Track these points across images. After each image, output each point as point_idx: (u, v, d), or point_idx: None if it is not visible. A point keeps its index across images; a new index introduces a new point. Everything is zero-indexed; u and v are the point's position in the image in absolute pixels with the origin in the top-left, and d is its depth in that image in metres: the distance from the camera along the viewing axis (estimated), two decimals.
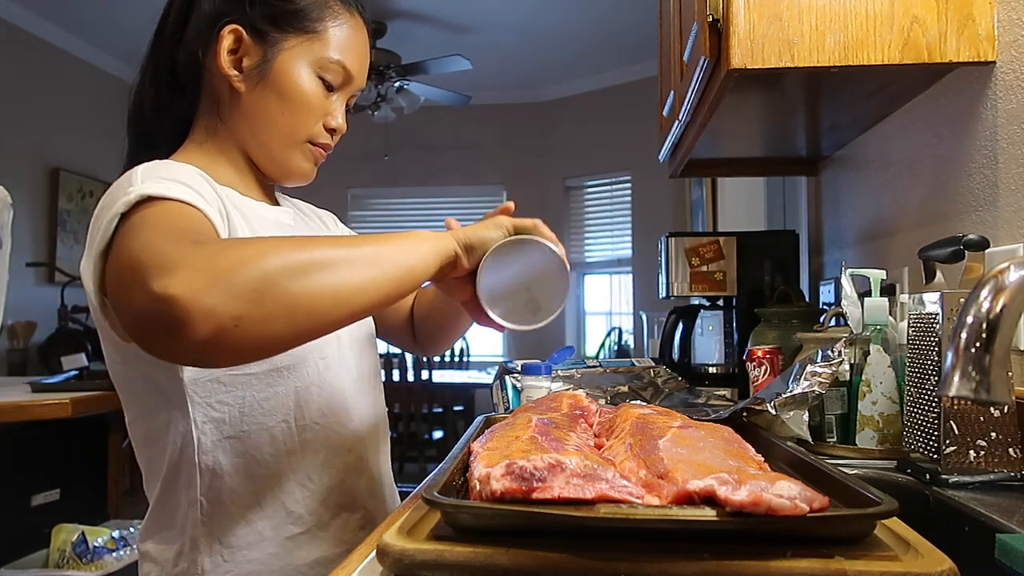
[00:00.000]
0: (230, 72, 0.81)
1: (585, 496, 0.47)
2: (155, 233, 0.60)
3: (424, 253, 0.67)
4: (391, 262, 0.64)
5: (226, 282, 0.53)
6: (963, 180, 1.12)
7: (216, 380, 0.76)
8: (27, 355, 4.06)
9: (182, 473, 0.78)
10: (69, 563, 2.04)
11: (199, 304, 0.52)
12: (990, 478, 0.81)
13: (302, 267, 0.57)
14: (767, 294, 1.79)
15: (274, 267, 0.55)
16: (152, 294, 0.52)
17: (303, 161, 0.86)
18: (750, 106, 1.38)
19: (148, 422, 0.80)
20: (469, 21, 4.44)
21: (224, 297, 0.52)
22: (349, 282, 0.60)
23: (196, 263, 0.54)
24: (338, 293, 0.59)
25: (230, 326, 0.53)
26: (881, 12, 1.03)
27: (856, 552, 0.45)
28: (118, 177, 0.73)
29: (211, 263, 0.54)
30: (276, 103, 0.82)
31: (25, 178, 4.18)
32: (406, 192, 5.90)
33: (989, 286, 0.52)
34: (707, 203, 3.55)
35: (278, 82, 0.81)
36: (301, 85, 0.82)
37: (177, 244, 0.57)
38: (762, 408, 0.92)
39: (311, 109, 0.83)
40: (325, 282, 0.58)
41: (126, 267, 0.58)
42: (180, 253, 0.55)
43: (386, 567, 0.48)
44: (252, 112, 0.82)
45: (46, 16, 4.24)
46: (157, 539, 0.80)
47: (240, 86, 0.81)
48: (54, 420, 1.88)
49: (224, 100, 0.83)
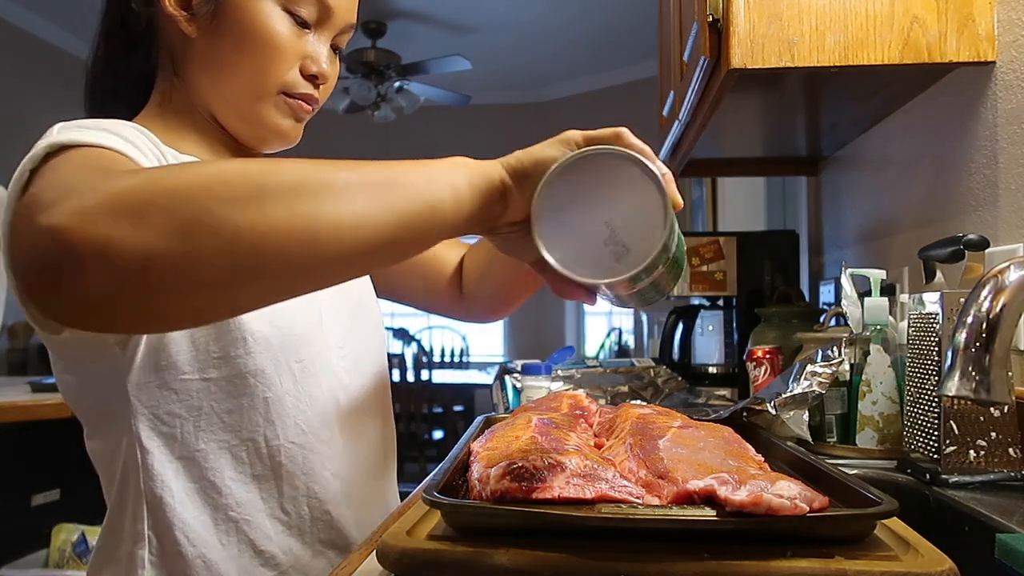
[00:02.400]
0: (175, 12, 0.67)
1: (585, 496, 0.47)
2: (57, 173, 0.47)
3: (456, 183, 0.47)
4: (406, 193, 0.45)
5: (133, 207, 0.37)
6: (963, 180, 1.12)
7: (164, 386, 0.63)
8: (27, 355, 4.06)
9: (128, 502, 0.64)
10: (69, 563, 2.04)
11: (90, 233, 0.36)
12: (990, 478, 0.81)
13: (258, 190, 0.39)
14: (767, 294, 1.79)
15: (211, 188, 0.38)
16: (37, 228, 0.38)
17: (279, 116, 0.71)
18: (750, 106, 1.38)
19: (96, 441, 0.67)
20: (469, 21, 4.44)
21: (129, 227, 0.37)
22: (337, 213, 0.41)
23: (95, 187, 0.38)
24: (315, 226, 0.40)
25: (136, 267, 0.37)
26: (881, 12, 1.03)
27: (856, 552, 0.45)
28: None
29: (114, 185, 0.38)
30: (236, 46, 0.67)
31: None
32: None
33: (989, 286, 0.52)
34: (707, 203, 3.55)
35: (235, 20, 0.66)
36: (264, 22, 0.67)
37: (82, 176, 0.44)
38: (762, 408, 0.92)
39: (279, 51, 0.68)
40: (293, 212, 0.39)
41: (17, 215, 0.44)
42: (80, 181, 0.41)
43: (386, 567, 0.47)
44: (209, 60, 0.68)
45: (46, 16, 4.24)
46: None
47: (190, 29, 0.67)
48: (54, 420, 1.88)
49: (178, 51, 0.69)
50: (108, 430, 0.65)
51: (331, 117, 4.66)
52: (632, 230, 0.48)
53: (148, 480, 0.63)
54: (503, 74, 5.30)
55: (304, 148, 0.84)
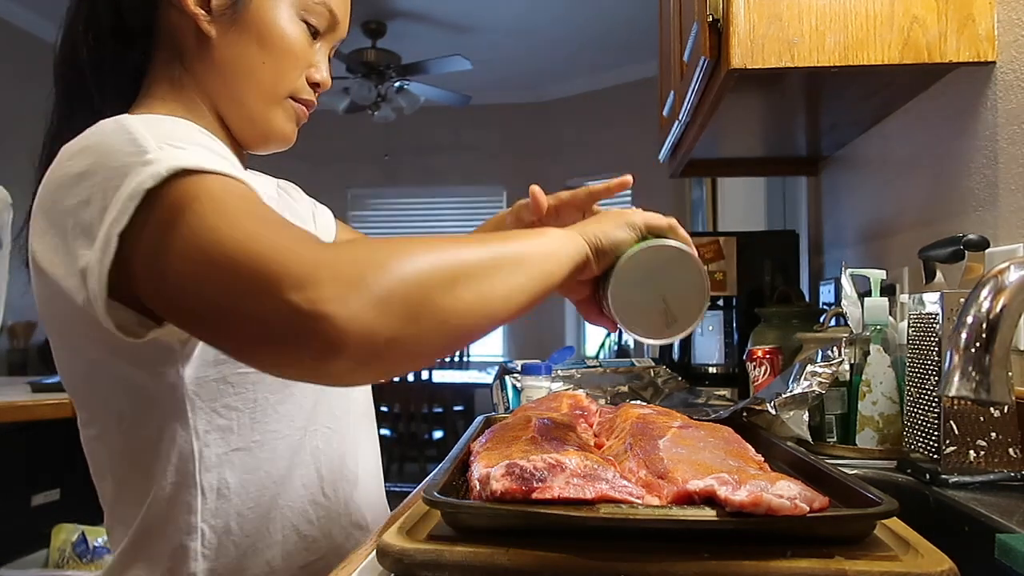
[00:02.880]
0: (196, 11, 0.67)
1: (585, 496, 0.47)
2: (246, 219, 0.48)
3: (560, 257, 0.58)
4: (534, 266, 0.55)
5: (381, 297, 0.44)
6: (963, 180, 1.12)
7: (223, 380, 0.64)
8: (27, 355, 4.06)
9: (179, 496, 0.64)
10: (69, 563, 2.04)
11: (357, 324, 0.43)
12: (990, 478, 0.81)
13: (452, 276, 0.48)
14: (767, 294, 1.79)
15: (427, 277, 0.47)
16: (296, 308, 0.43)
17: (285, 120, 0.73)
18: (750, 106, 1.38)
19: (127, 436, 0.65)
20: (469, 21, 4.44)
21: (380, 315, 0.44)
22: (499, 291, 0.51)
23: (341, 272, 0.44)
24: (490, 304, 0.51)
25: (383, 348, 0.45)
26: (881, 12, 1.03)
27: (856, 552, 0.45)
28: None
29: (360, 273, 0.44)
30: (256, 51, 0.69)
31: (25, 178, 4.17)
32: (406, 192, 5.90)
33: (989, 286, 0.52)
34: (707, 203, 3.55)
35: (257, 25, 0.68)
36: (284, 29, 0.69)
37: (298, 242, 0.46)
38: (762, 408, 0.92)
39: (295, 58, 0.71)
40: (478, 292, 0.50)
41: (227, 265, 0.46)
42: (314, 256, 0.45)
43: (386, 567, 0.47)
44: (226, 61, 0.69)
45: (46, 16, 4.24)
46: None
47: (210, 29, 0.67)
48: (54, 420, 1.88)
49: (189, 46, 0.69)
50: (143, 426, 0.64)
51: (331, 117, 4.66)
52: (681, 305, 0.64)
53: (204, 472, 0.64)
54: (503, 74, 5.29)
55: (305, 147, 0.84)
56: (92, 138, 0.57)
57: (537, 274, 0.55)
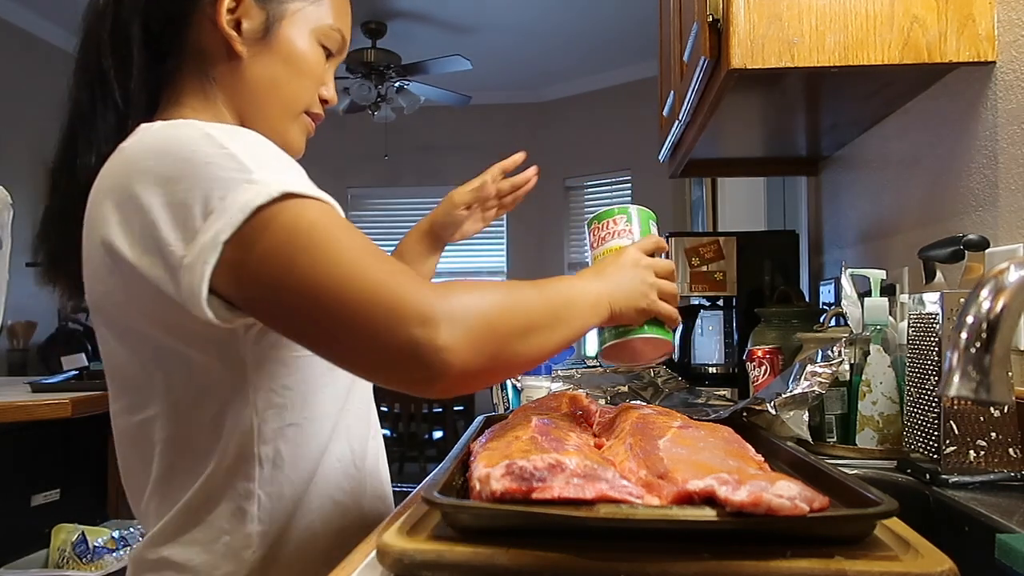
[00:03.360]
0: (231, 32, 0.74)
1: (585, 496, 0.47)
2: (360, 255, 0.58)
3: (590, 320, 0.74)
4: (578, 322, 0.71)
5: (477, 341, 0.57)
6: (963, 180, 1.12)
7: (281, 362, 0.71)
8: (27, 355, 4.06)
9: (239, 466, 0.70)
10: (69, 563, 2.04)
11: (459, 361, 0.56)
12: (990, 478, 0.81)
13: (525, 329, 0.63)
14: (767, 294, 1.79)
15: (509, 329, 0.61)
16: (417, 342, 0.55)
17: (299, 133, 0.82)
18: (750, 106, 1.38)
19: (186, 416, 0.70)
20: (469, 21, 4.44)
21: (476, 356, 0.57)
22: (552, 342, 0.67)
23: (453, 315, 0.57)
24: (545, 351, 0.66)
25: (471, 378, 0.58)
26: (881, 12, 1.03)
27: (856, 552, 0.45)
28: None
29: (464, 318, 0.57)
30: (281, 70, 0.77)
31: (25, 178, 4.18)
32: (406, 192, 5.90)
33: (989, 286, 0.52)
34: (707, 203, 3.55)
35: (284, 48, 0.76)
36: (306, 52, 0.78)
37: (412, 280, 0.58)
38: (762, 408, 0.92)
39: (314, 77, 0.80)
40: (539, 343, 0.65)
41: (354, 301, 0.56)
42: (429, 297, 0.57)
43: (386, 567, 0.47)
44: (255, 79, 0.76)
45: (46, 16, 4.24)
46: (185, 542, 0.71)
47: (241, 50, 0.75)
48: (54, 420, 1.88)
49: (219, 63, 0.76)
50: (211, 405, 0.70)
51: (331, 117, 4.63)
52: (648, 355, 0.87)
53: (262, 445, 0.70)
54: (503, 74, 5.30)
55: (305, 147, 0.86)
56: (174, 143, 0.63)
57: (577, 330, 0.71)
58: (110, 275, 0.65)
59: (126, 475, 0.76)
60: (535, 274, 5.40)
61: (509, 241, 5.70)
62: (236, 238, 0.58)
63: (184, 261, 0.59)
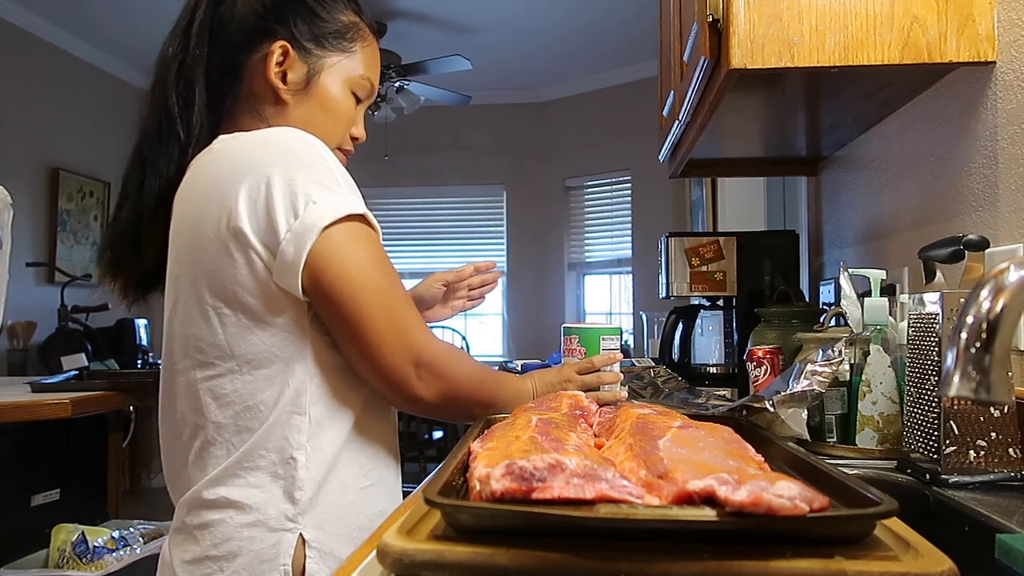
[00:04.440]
0: (277, 83, 0.89)
1: (585, 496, 0.47)
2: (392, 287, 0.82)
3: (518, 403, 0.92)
4: (512, 404, 0.91)
5: (454, 402, 0.85)
6: (963, 180, 1.12)
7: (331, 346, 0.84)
8: (27, 355, 4.06)
9: (292, 420, 0.82)
10: (69, 563, 2.04)
11: (433, 407, 0.84)
12: (990, 478, 0.81)
13: (487, 403, 0.89)
14: (767, 294, 1.79)
15: (479, 400, 0.88)
16: (412, 383, 0.81)
17: None
18: (750, 106, 1.38)
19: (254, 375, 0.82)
20: (469, 21, 4.44)
21: (448, 408, 0.86)
22: (499, 407, 0.91)
23: (450, 379, 0.83)
24: (478, 415, 0.88)
25: (434, 414, 0.87)
26: (881, 12, 1.03)
27: (856, 552, 0.45)
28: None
29: (455, 386, 0.84)
30: (319, 114, 0.92)
31: (25, 178, 4.18)
32: (406, 192, 5.90)
33: (989, 286, 0.52)
34: (707, 203, 3.55)
35: (321, 96, 0.92)
36: (340, 99, 0.93)
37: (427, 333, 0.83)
38: (761, 406, 0.92)
39: (346, 119, 0.95)
40: (488, 411, 0.89)
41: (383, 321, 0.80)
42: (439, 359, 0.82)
43: (386, 567, 0.47)
44: (297, 120, 0.90)
45: (46, 16, 4.24)
46: (243, 484, 0.81)
47: (287, 98, 0.90)
48: (54, 420, 1.88)
49: (267, 106, 0.91)
50: (278, 365, 0.82)
51: None
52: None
53: (312, 404, 0.82)
54: (503, 74, 5.30)
55: None
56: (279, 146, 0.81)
57: (516, 403, 0.92)
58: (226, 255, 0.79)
59: (175, 429, 0.86)
60: (535, 274, 5.35)
61: (509, 241, 5.70)
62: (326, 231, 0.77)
63: (291, 237, 0.76)
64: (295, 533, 0.80)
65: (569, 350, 1.08)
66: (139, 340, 4.40)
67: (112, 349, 4.01)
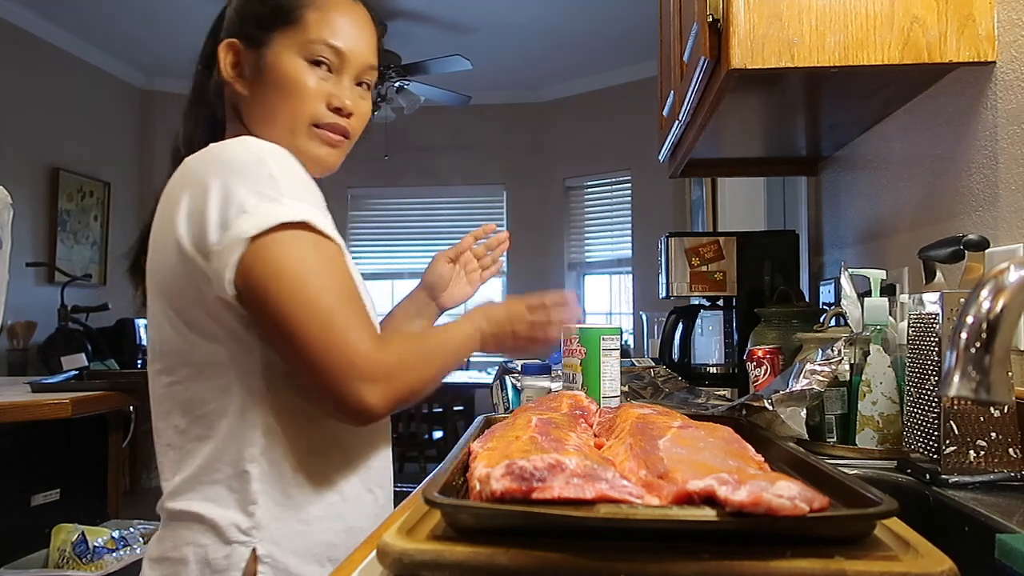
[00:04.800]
0: (232, 81, 0.89)
1: (585, 496, 0.47)
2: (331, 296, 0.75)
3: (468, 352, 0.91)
4: (463, 355, 0.89)
5: (411, 401, 0.78)
6: (963, 180, 1.12)
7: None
8: (27, 355, 4.06)
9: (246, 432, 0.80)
10: (69, 563, 2.04)
11: (382, 413, 0.75)
12: (990, 478, 0.81)
13: (437, 376, 0.83)
14: (767, 294, 1.79)
15: (429, 382, 0.81)
16: (353, 394, 0.73)
17: (314, 146, 0.89)
18: (750, 106, 1.38)
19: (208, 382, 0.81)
20: (469, 21, 4.44)
21: (396, 405, 0.76)
22: (450, 369, 0.86)
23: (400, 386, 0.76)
24: (444, 376, 0.85)
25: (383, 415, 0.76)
26: (881, 12, 1.03)
27: (856, 552, 0.45)
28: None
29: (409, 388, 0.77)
30: (274, 94, 0.87)
31: (25, 178, 4.18)
32: (406, 192, 5.91)
33: (989, 286, 0.52)
34: (707, 203, 3.56)
35: (274, 77, 0.87)
36: (291, 72, 0.87)
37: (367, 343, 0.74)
38: (760, 405, 0.92)
39: (307, 92, 0.87)
40: (439, 380, 0.83)
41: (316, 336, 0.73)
42: (374, 360, 0.74)
43: (386, 567, 0.47)
44: (259, 108, 0.88)
45: (46, 16, 4.24)
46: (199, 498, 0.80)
47: (243, 89, 0.89)
48: (54, 420, 1.88)
49: (240, 105, 0.90)
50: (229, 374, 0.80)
51: None
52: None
53: (266, 416, 0.80)
54: (503, 74, 5.30)
55: None
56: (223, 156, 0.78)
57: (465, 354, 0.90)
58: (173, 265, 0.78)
59: (157, 434, 0.86)
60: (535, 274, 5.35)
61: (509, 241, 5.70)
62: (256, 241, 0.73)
63: (224, 247, 0.73)
64: (248, 547, 0.78)
65: (569, 350, 1.08)
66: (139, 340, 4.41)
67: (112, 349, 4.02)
